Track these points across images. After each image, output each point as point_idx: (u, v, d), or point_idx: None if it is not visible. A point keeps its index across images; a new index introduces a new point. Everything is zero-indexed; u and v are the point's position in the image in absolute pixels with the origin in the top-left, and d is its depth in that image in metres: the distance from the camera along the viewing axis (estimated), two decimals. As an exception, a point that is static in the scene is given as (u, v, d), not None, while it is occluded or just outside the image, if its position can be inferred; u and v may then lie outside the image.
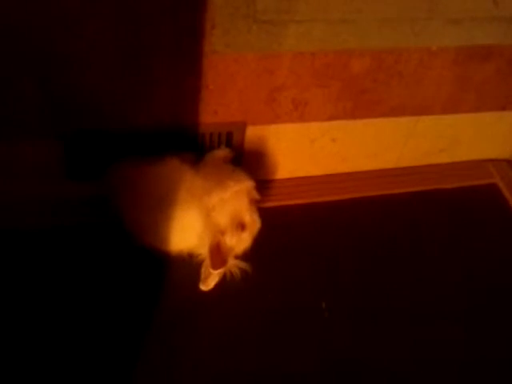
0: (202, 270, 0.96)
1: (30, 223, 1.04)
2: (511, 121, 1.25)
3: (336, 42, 0.93)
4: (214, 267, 0.91)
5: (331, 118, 1.10)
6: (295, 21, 0.88)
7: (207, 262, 0.93)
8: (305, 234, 1.13)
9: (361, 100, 1.07)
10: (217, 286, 0.96)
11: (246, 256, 0.98)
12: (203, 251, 0.95)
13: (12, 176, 1.01)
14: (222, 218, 0.94)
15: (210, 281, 0.95)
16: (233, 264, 0.96)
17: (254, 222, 0.97)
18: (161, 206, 0.93)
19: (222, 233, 0.93)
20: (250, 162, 1.12)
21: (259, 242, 0.99)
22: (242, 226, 0.95)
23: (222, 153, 1.05)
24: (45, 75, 0.87)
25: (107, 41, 0.85)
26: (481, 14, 0.97)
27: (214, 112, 1.00)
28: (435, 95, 1.12)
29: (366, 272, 1.09)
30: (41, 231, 1.03)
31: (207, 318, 0.98)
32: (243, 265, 0.98)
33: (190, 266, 0.98)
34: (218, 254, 0.91)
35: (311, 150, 1.17)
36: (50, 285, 0.97)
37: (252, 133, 1.08)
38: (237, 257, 0.98)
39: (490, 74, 1.11)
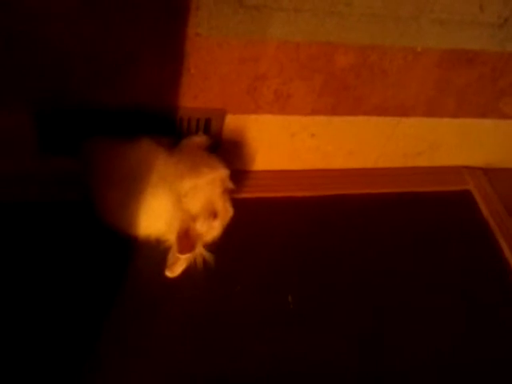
0: (169, 256, 0.94)
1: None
2: (490, 129, 1.26)
3: (321, 33, 0.92)
4: (181, 251, 0.89)
5: (313, 112, 1.09)
6: (282, 9, 0.86)
7: (174, 248, 0.91)
8: (277, 227, 1.12)
9: (343, 96, 1.07)
10: (183, 273, 0.94)
11: (215, 245, 0.97)
12: (171, 237, 0.93)
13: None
14: (194, 205, 0.92)
15: (176, 267, 0.93)
16: (200, 252, 0.94)
17: (226, 211, 0.96)
18: (131, 188, 0.90)
19: (193, 219, 0.91)
20: (227, 150, 1.11)
21: (230, 231, 0.97)
22: (214, 214, 0.94)
23: (199, 139, 1.03)
24: (17, 48, 0.84)
25: (87, 17, 0.82)
26: (467, 17, 0.97)
27: (193, 96, 0.98)
28: (417, 97, 1.12)
29: (335, 268, 1.09)
30: (10, 205, 1.01)
31: (170, 306, 0.97)
32: (208, 255, 0.96)
33: (157, 251, 0.95)
34: (186, 238, 0.89)
35: (291, 144, 1.16)
36: (14, 260, 0.95)
37: (231, 121, 1.06)
38: (206, 245, 0.96)
39: (472, 79, 1.11)
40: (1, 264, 0.94)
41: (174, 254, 0.92)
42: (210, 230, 0.94)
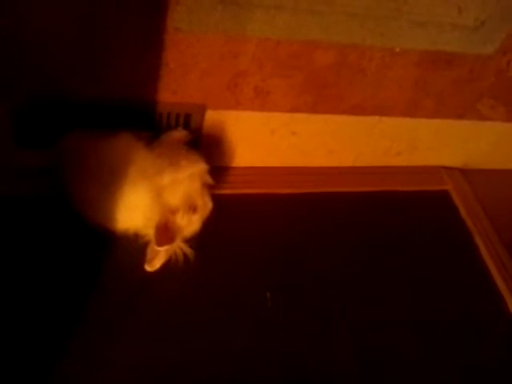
0: (148, 250, 0.94)
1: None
2: (467, 130, 1.28)
3: (301, 31, 0.93)
4: (160, 244, 0.89)
5: (292, 109, 1.10)
6: (262, 5, 0.87)
7: (153, 242, 0.91)
8: (256, 224, 1.13)
9: (322, 94, 1.08)
10: (162, 268, 0.95)
11: (194, 240, 0.97)
12: (150, 232, 0.93)
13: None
14: (174, 199, 0.93)
15: (155, 261, 0.93)
16: (179, 246, 0.95)
17: (205, 205, 0.96)
18: (109, 182, 0.90)
19: (173, 212, 0.92)
20: (207, 146, 1.11)
21: (209, 227, 0.98)
22: (193, 208, 0.94)
23: (179, 134, 1.03)
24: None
25: (67, 8, 0.82)
26: (445, 19, 0.98)
27: (173, 91, 0.98)
28: (396, 97, 1.13)
29: (313, 265, 1.09)
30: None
31: (149, 300, 0.96)
32: (188, 250, 0.96)
33: (135, 246, 0.95)
34: (165, 231, 0.90)
35: (270, 141, 1.16)
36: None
37: (211, 117, 1.06)
38: (185, 241, 0.97)
39: (450, 81, 1.13)
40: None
41: (153, 248, 0.92)
42: (190, 224, 0.95)
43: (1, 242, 0.96)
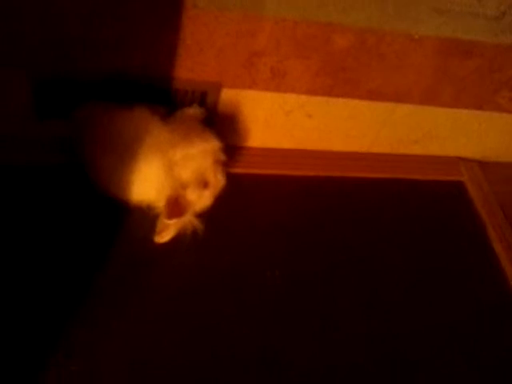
0: (158, 222, 0.96)
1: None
2: (485, 122, 1.26)
3: (319, 13, 0.93)
4: (169, 217, 0.91)
5: (309, 91, 1.10)
6: (280, -15, 0.88)
7: (163, 215, 0.93)
8: (267, 204, 1.14)
9: (340, 78, 1.08)
10: (171, 241, 0.96)
11: (205, 216, 0.99)
12: (162, 205, 0.95)
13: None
14: (185, 174, 0.94)
15: (165, 234, 0.95)
16: (189, 220, 0.96)
17: (217, 181, 0.98)
18: (124, 154, 0.92)
19: (184, 187, 0.94)
20: (222, 125, 1.12)
21: (221, 204, 0.99)
22: (204, 183, 0.96)
23: (194, 111, 1.04)
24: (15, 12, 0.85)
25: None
26: (465, 8, 0.97)
27: (189, 69, 0.99)
28: (414, 84, 1.12)
29: (323, 247, 1.10)
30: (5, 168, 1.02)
31: (156, 272, 0.99)
32: (198, 225, 0.98)
33: (148, 217, 0.97)
34: (174, 205, 0.91)
35: (285, 122, 1.17)
36: (6, 223, 0.97)
37: (227, 96, 1.07)
38: (196, 215, 0.98)
39: (470, 70, 1.11)
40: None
41: (162, 220, 0.94)
42: (200, 200, 0.96)
43: (19, 208, 0.99)
